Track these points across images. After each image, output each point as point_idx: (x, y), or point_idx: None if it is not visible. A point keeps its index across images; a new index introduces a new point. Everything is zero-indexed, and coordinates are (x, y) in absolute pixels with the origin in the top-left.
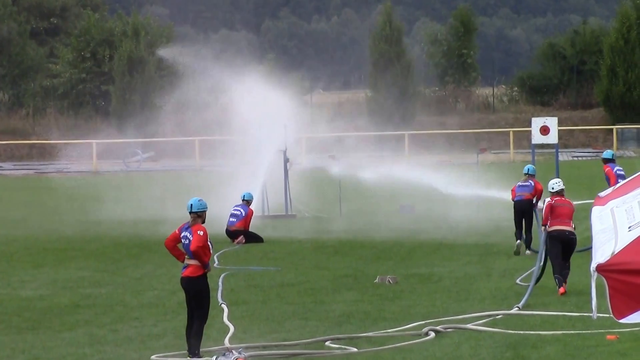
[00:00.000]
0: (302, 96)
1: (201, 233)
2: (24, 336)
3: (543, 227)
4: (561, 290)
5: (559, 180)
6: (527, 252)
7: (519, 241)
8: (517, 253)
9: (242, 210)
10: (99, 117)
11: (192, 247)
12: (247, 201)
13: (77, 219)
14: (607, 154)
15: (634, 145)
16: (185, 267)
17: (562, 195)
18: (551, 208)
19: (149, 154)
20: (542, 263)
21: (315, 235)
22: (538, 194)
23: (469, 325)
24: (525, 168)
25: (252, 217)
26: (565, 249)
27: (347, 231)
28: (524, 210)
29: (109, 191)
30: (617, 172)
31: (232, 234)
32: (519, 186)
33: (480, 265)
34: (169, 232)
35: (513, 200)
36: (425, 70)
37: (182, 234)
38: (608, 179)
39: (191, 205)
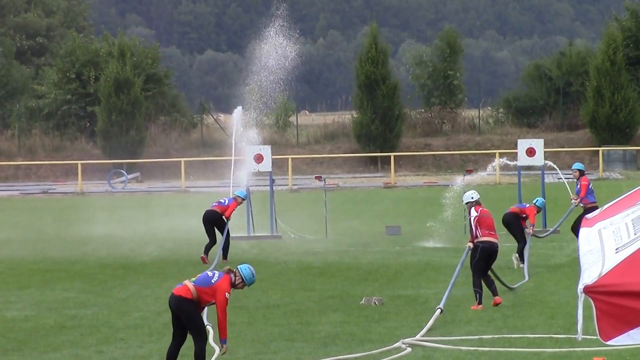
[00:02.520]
0: (288, 117)
1: (227, 296)
2: (9, 357)
3: (470, 243)
4: (480, 307)
5: (474, 190)
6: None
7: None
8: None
9: (227, 199)
10: (84, 138)
11: (220, 313)
12: (241, 198)
13: (63, 239)
14: (582, 166)
15: (620, 167)
16: (180, 285)
17: (480, 205)
18: (478, 219)
19: (134, 175)
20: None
21: (301, 256)
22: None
23: (449, 346)
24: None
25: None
26: (489, 261)
27: (333, 252)
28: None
29: (94, 212)
30: (591, 188)
31: (208, 215)
32: None
33: (467, 286)
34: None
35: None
36: (411, 92)
37: (211, 271)
38: (579, 190)
39: (245, 271)
